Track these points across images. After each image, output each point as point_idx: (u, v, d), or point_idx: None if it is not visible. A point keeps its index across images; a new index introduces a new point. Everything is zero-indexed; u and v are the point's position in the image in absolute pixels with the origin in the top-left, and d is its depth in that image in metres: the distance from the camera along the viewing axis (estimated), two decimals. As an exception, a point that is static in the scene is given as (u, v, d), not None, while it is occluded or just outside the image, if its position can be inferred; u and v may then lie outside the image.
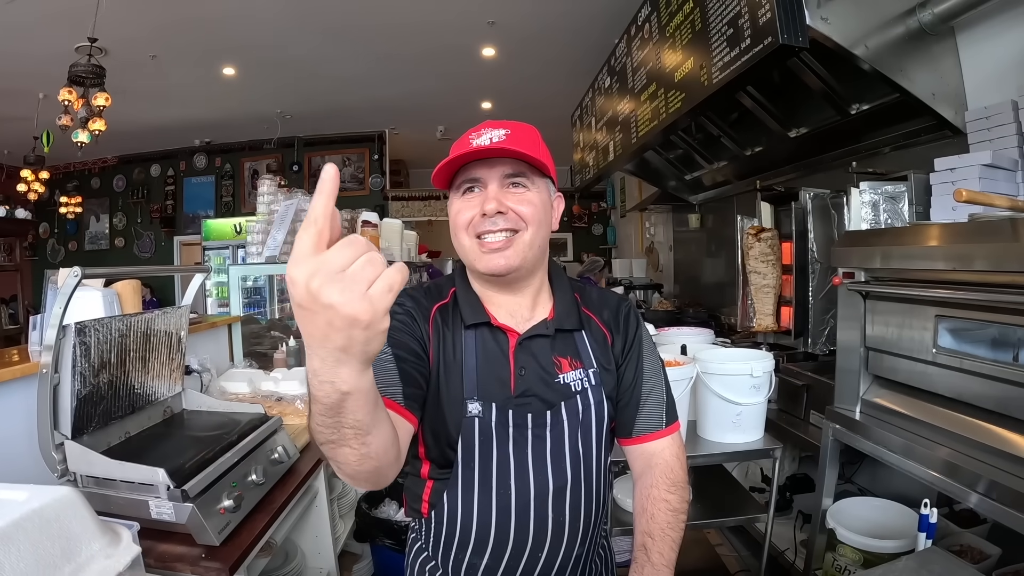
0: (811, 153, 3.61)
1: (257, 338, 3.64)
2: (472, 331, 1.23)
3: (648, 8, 3.97)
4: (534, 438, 1.19)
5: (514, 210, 1.16)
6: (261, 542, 1.66)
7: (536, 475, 1.19)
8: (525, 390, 1.20)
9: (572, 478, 1.21)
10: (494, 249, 1.17)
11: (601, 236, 10.89)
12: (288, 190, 3.94)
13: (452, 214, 1.21)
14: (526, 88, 7.37)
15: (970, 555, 1.89)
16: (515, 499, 1.18)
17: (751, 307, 3.41)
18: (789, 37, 2.30)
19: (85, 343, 1.62)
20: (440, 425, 1.19)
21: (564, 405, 1.21)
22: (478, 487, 1.18)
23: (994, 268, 1.52)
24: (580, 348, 1.28)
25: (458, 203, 1.20)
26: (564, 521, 1.21)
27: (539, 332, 1.24)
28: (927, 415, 1.80)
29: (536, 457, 1.19)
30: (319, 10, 5.30)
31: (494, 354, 1.22)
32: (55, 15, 5.00)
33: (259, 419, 2.03)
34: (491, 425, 1.17)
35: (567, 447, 1.21)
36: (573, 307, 1.30)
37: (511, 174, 1.18)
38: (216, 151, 10.12)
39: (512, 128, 1.17)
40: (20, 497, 0.99)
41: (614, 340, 1.32)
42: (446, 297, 1.28)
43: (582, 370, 1.25)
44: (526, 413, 1.19)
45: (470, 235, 1.19)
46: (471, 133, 1.19)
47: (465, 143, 1.17)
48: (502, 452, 1.18)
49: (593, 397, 1.24)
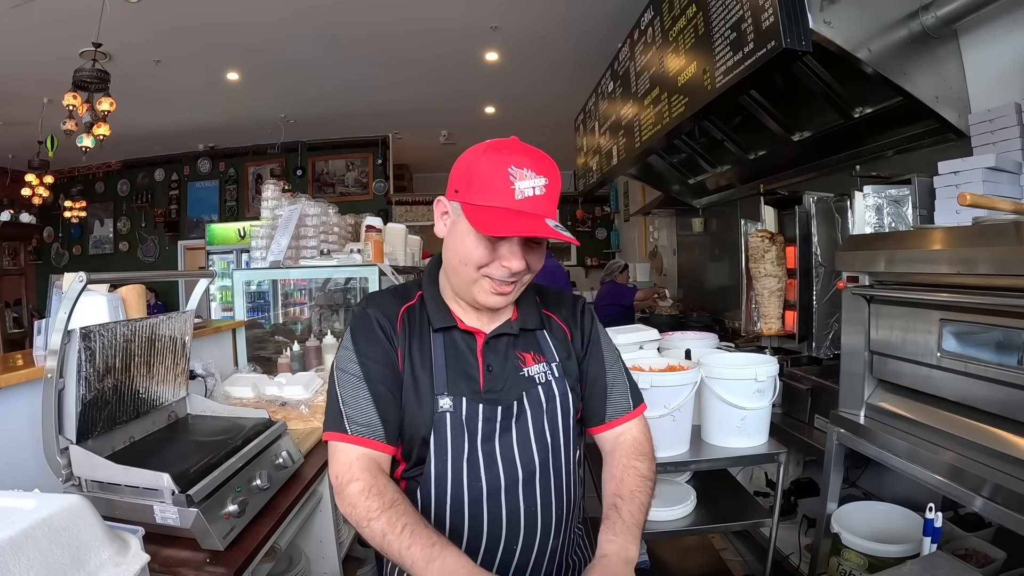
0: (815, 157, 3.62)
1: (261, 343, 3.65)
2: (440, 333, 1.27)
3: (651, 12, 3.97)
4: (502, 430, 1.23)
5: (531, 266, 1.20)
6: (265, 547, 1.66)
7: (505, 464, 1.22)
8: (492, 386, 1.25)
9: (540, 466, 1.25)
10: (502, 293, 1.20)
11: (605, 240, 10.88)
12: (292, 195, 3.95)
13: (468, 245, 1.16)
14: (529, 92, 7.39)
15: (975, 559, 1.88)
16: (486, 489, 1.21)
17: (755, 311, 3.41)
18: (792, 41, 2.30)
19: (90, 348, 1.62)
20: (412, 423, 1.22)
21: (526, 394, 1.26)
22: (451, 479, 1.20)
23: (998, 272, 1.52)
24: (542, 344, 1.33)
25: (480, 244, 1.16)
26: (536, 511, 1.23)
27: (505, 331, 1.29)
28: (932, 419, 1.80)
29: (504, 447, 1.23)
30: (323, 15, 5.32)
31: (462, 353, 1.26)
32: (60, 20, 5.03)
33: (263, 424, 2.03)
34: (462, 420, 1.21)
35: (532, 435, 1.25)
36: (534, 308, 1.36)
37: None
38: (220, 156, 10.15)
39: (550, 176, 1.15)
40: (29, 505, 0.99)
41: (573, 336, 1.38)
42: (413, 299, 1.31)
43: (545, 364, 1.31)
44: (496, 407, 1.23)
45: (480, 272, 1.18)
46: (508, 165, 1.12)
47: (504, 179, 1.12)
48: (472, 445, 1.21)
49: (557, 388, 1.29)
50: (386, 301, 1.30)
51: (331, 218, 3.86)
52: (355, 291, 4.32)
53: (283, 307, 4.31)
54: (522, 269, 1.17)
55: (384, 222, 4.11)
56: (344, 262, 3.57)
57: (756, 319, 3.41)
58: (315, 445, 2.29)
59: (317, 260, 3.58)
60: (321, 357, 3.35)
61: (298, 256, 3.61)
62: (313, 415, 2.47)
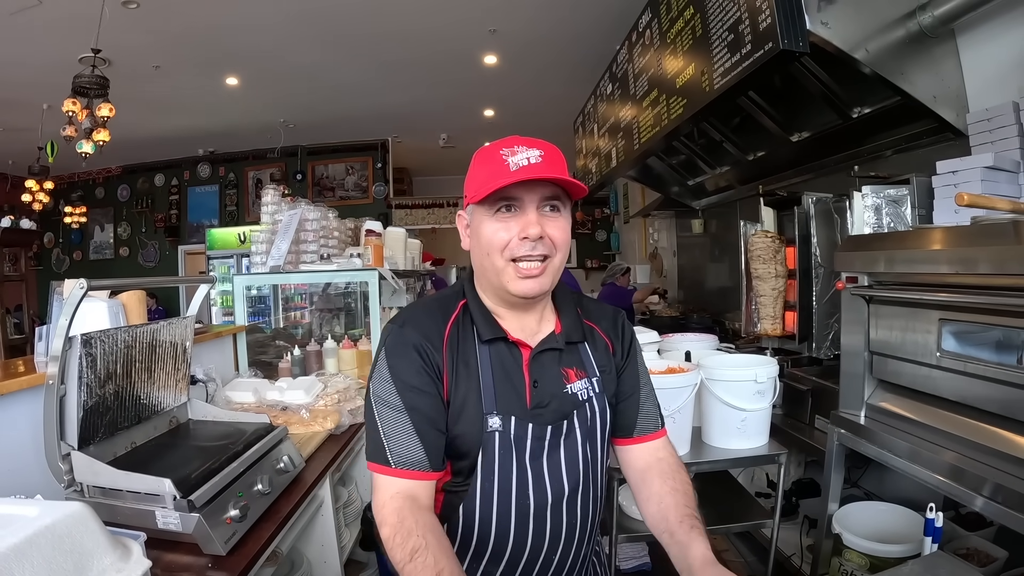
0: (813, 157, 3.62)
1: (262, 347, 3.65)
2: (487, 346, 1.24)
3: (649, 14, 3.98)
4: (550, 448, 1.23)
5: (550, 236, 1.17)
6: (267, 551, 1.66)
7: (552, 482, 1.22)
8: (539, 402, 1.23)
9: (583, 480, 1.26)
10: (530, 275, 1.18)
11: (605, 242, 10.90)
12: (292, 199, 3.96)
13: (486, 233, 1.18)
14: (528, 95, 7.40)
15: (976, 559, 1.88)
16: (533, 507, 1.21)
17: (755, 312, 3.41)
18: (790, 42, 2.30)
19: (91, 354, 1.63)
20: (460, 440, 1.20)
21: (576, 414, 1.25)
22: (497, 497, 1.20)
23: (997, 271, 1.52)
24: (584, 358, 1.32)
25: (493, 224, 1.18)
26: (575, 523, 1.25)
27: (550, 346, 1.27)
28: (932, 419, 1.80)
29: (552, 465, 1.23)
30: (321, 19, 5.33)
31: (510, 368, 1.24)
32: (59, 26, 5.05)
33: (264, 429, 2.03)
34: (511, 438, 1.20)
35: (579, 454, 1.25)
36: (577, 320, 1.33)
37: (550, 197, 1.18)
38: (220, 160, 10.17)
39: (545, 148, 1.17)
40: (32, 513, 1.00)
41: (615, 348, 1.37)
42: (455, 310, 1.28)
43: (587, 379, 1.29)
44: (545, 426, 1.22)
45: (505, 258, 1.18)
46: (500, 148, 1.17)
47: (497, 160, 1.15)
48: (521, 463, 1.21)
49: (598, 404, 1.29)
50: (427, 322, 1.25)
51: (331, 222, 3.87)
52: (355, 295, 4.33)
53: (284, 312, 4.32)
54: (539, 234, 1.15)
55: (384, 226, 4.12)
56: (344, 266, 3.57)
57: (756, 320, 3.41)
58: (316, 449, 2.29)
59: (317, 265, 3.59)
60: (322, 361, 3.35)
61: (298, 261, 3.62)
62: (314, 419, 2.47)
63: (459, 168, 6.79)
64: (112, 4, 4.68)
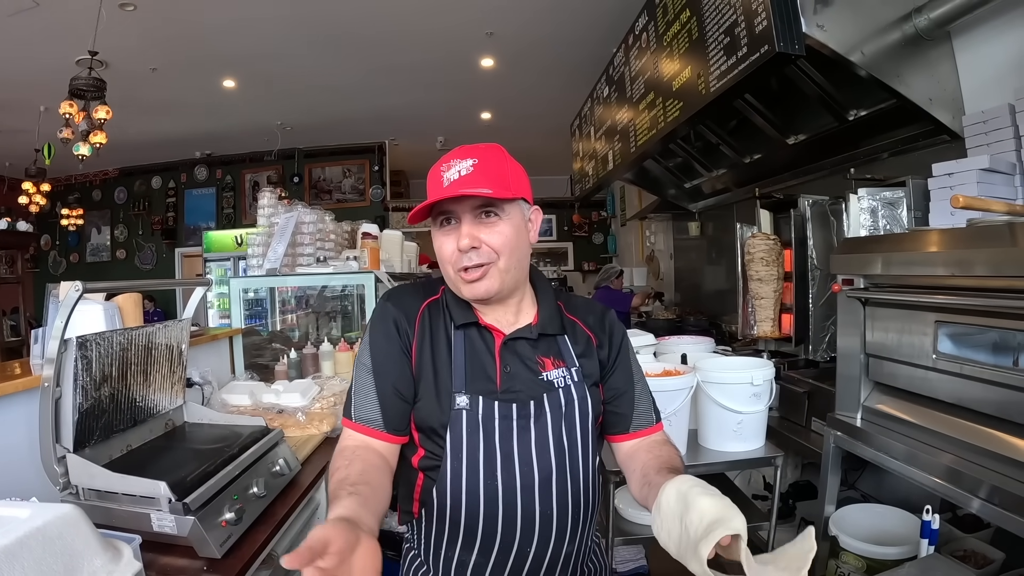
0: (810, 160, 3.63)
1: (258, 350, 3.64)
2: (461, 330, 1.30)
3: (645, 17, 3.99)
4: (519, 429, 1.24)
5: (486, 243, 1.22)
6: (263, 555, 1.65)
7: (522, 465, 1.23)
8: (510, 386, 1.26)
9: (557, 468, 1.25)
10: (473, 280, 1.23)
11: (602, 245, 10.89)
12: (288, 202, 3.96)
13: (436, 246, 1.28)
14: (525, 98, 7.41)
15: (973, 560, 1.88)
16: (502, 489, 1.21)
17: (752, 314, 3.41)
18: (786, 45, 2.31)
19: (87, 357, 1.62)
20: (429, 417, 1.25)
21: (547, 397, 1.27)
22: (466, 478, 1.22)
23: (993, 273, 1.52)
24: (563, 349, 1.34)
25: (439, 237, 1.27)
26: (551, 515, 1.24)
27: (523, 335, 1.31)
28: (928, 421, 1.80)
29: (522, 447, 1.24)
30: (319, 22, 5.34)
31: (481, 351, 1.29)
32: (56, 28, 5.04)
33: (260, 432, 2.03)
34: (478, 417, 1.23)
35: (551, 438, 1.25)
36: (556, 313, 1.37)
37: (481, 205, 1.22)
38: (217, 163, 10.17)
39: (479, 156, 1.22)
40: (23, 514, 1.00)
41: (600, 343, 1.38)
42: (437, 293, 1.36)
43: (564, 368, 1.32)
44: (511, 404, 1.24)
45: (454, 268, 1.25)
46: (441, 164, 1.23)
47: (436, 177, 1.22)
48: (489, 443, 1.23)
49: (576, 392, 1.30)
50: (407, 296, 1.35)
51: (327, 225, 3.87)
52: (352, 298, 4.32)
53: (280, 314, 4.31)
54: (470, 244, 1.21)
55: (381, 228, 4.11)
56: (340, 269, 3.57)
57: (753, 322, 3.42)
58: (312, 452, 2.29)
59: (313, 267, 3.58)
60: (318, 364, 3.34)
61: (295, 263, 3.62)
62: (310, 422, 2.47)
63: (456, 171, 6.70)
64: (109, 6, 4.68)
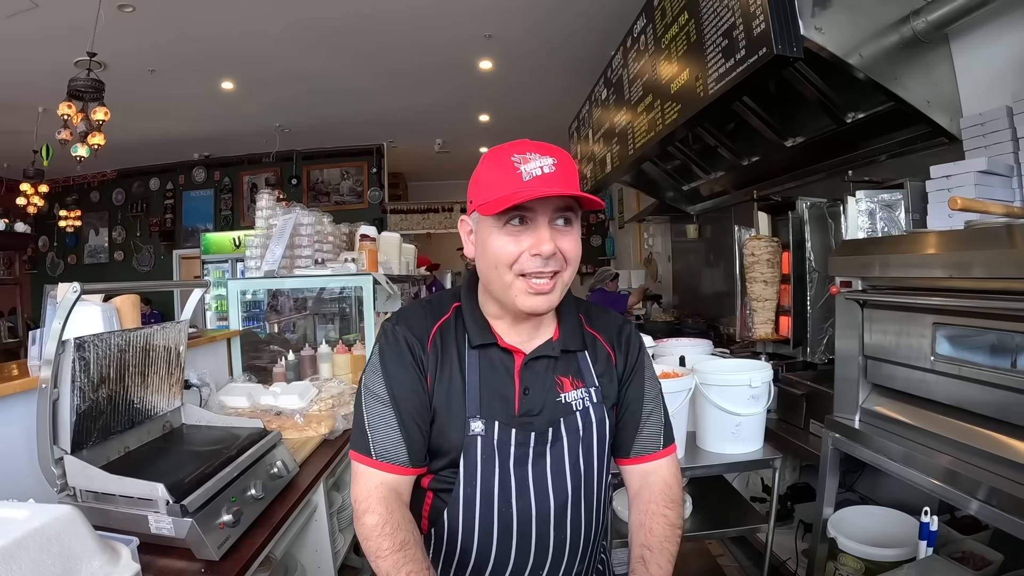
0: (808, 162, 3.63)
1: (256, 352, 3.63)
2: (477, 351, 1.22)
3: (644, 20, 3.99)
4: (535, 456, 1.19)
5: (563, 251, 1.13)
6: (261, 557, 1.65)
7: (537, 494, 1.18)
8: (528, 409, 1.20)
9: (572, 496, 1.21)
10: (541, 292, 1.13)
11: (600, 247, 10.90)
12: (287, 204, 3.95)
13: (495, 246, 1.13)
14: (523, 101, 7.41)
15: (972, 562, 1.88)
16: (517, 518, 1.17)
17: (750, 317, 3.42)
18: (784, 48, 2.31)
19: (84, 358, 1.62)
20: (443, 443, 1.19)
21: (564, 422, 1.21)
22: (479, 506, 1.17)
23: (991, 275, 1.52)
24: (582, 367, 1.27)
25: (502, 237, 1.12)
26: (565, 539, 1.20)
27: (545, 353, 1.23)
28: (926, 423, 1.80)
29: (537, 475, 1.18)
30: (318, 25, 5.33)
31: (499, 373, 1.21)
32: (55, 30, 5.04)
33: (258, 433, 2.03)
34: (493, 444, 1.17)
35: (567, 464, 1.20)
36: (578, 328, 1.29)
37: (563, 209, 1.13)
38: (215, 165, 10.15)
39: (558, 156, 1.11)
40: (21, 515, 0.99)
41: (617, 359, 1.31)
42: (447, 312, 1.26)
43: (584, 389, 1.24)
44: (529, 432, 1.18)
45: (514, 273, 1.13)
46: (511, 154, 1.11)
47: (509, 168, 1.10)
48: (504, 471, 1.17)
49: (595, 415, 1.24)
50: (417, 319, 1.24)
51: (325, 227, 3.86)
52: (350, 300, 4.32)
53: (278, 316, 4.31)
54: (552, 251, 1.10)
55: (379, 230, 4.11)
56: (338, 271, 3.57)
57: (751, 325, 3.42)
58: (310, 454, 2.28)
59: (312, 269, 3.58)
60: (316, 366, 3.34)
61: (293, 265, 3.61)
62: (308, 424, 2.46)
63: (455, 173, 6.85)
64: (108, 8, 4.68)
